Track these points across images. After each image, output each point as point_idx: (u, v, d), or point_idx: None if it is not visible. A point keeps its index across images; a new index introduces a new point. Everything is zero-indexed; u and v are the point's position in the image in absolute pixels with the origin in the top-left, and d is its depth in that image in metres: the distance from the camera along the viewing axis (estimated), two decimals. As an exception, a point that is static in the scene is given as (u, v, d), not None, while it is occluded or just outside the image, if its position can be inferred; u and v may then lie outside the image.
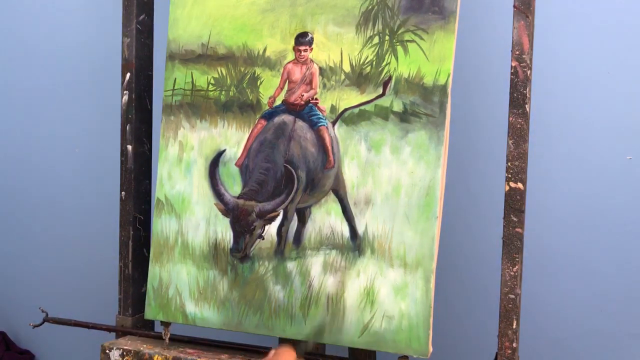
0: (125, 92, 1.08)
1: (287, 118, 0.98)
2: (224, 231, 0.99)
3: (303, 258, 0.95)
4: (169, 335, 1.01)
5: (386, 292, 0.91)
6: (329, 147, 0.95)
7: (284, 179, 0.97)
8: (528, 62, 0.88)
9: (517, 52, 0.88)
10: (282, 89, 0.98)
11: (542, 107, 1.11)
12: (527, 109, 0.88)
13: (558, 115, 1.15)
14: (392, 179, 0.92)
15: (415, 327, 0.89)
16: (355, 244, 0.93)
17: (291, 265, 0.96)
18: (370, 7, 0.94)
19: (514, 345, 0.88)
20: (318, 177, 0.96)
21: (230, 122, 1.00)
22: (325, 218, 0.95)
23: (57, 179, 1.52)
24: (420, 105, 0.91)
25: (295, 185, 0.96)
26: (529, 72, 0.88)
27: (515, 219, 0.88)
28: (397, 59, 0.93)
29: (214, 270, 0.99)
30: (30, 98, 1.54)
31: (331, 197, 0.95)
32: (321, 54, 0.96)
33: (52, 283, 1.55)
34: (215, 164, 1.00)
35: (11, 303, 1.61)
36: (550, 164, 1.16)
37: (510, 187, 0.88)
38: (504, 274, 0.89)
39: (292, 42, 0.97)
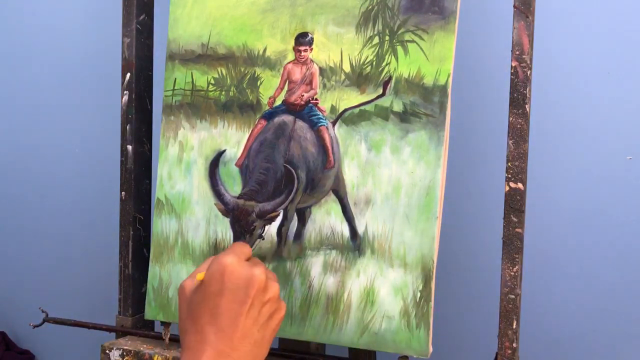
0: (125, 92, 1.08)
1: (287, 118, 0.98)
2: (224, 231, 0.99)
3: (303, 258, 0.95)
4: (169, 335, 1.01)
5: (386, 292, 0.91)
6: (329, 147, 0.95)
7: (284, 179, 0.97)
8: (528, 62, 0.88)
9: (517, 52, 0.88)
10: (282, 89, 0.98)
11: (542, 107, 1.11)
12: (527, 109, 0.88)
13: (558, 115, 1.15)
14: (392, 179, 0.92)
15: (416, 327, 0.89)
16: (355, 244, 0.93)
17: (291, 265, 0.96)
18: (370, 7, 0.94)
19: (514, 345, 0.88)
20: (318, 177, 0.96)
21: (230, 122, 1.00)
22: (325, 218, 0.95)
23: (57, 179, 1.53)
24: (420, 106, 0.91)
25: (295, 185, 0.96)
26: (529, 72, 0.88)
27: (515, 219, 0.88)
28: (397, 59, 0.93)
29: (214, 270, 0.99)
30: (29, 98, 1.54)
31: (331, 197, 0.95)
32: (321, 54, 0.96)
33: (52, 283, 1.55)
34: (215, 164, 1.00)
35: (11, 303, 1.61)
36: (550, 164, 1.16)
37: (510, 187, 0.88)
38: (504, 274, 0.89)
39: (292, 42, 0.97)
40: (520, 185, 0.88)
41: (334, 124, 0.95)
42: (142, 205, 1.10)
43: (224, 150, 1.00)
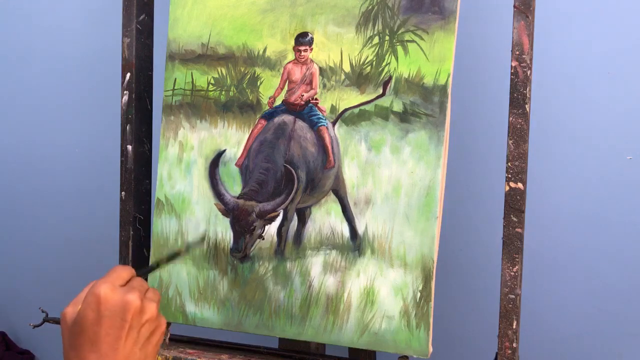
0: (125, 92, 1.08)
1: (287, 118, 0.98)
2: (224, 231, 0.99)
3: (303, 258, 0.95)
4: (169, 335, 1.01)
5: (386, 292, 0.91)
6: (329, 147, 0.95)
7: (284, 179, 0.97)
8: (528, 62, 0.88)
9: (517, 52, 0.88)
10: (282, 89, 0.98)
11: (542, 107, 1.11)
12: (527, 109, 0.88)
13: (558, 115, 1.15)
14: (392, 179, 0.92)
15: (416, 327, 0.89)
16: (355, 244, 0.93)
17: (291, 265, 0.96)
18: (370, 7, 0.94)
19: (514, 345, 0.88)
20: (318, 177, 0.96)
21: (230, 122, 1.00)
22: (325, 218, 0.95)
23: (57, 178, 1.53)
24: (420, 105, 0.91)
25: (295, 185, 0.96)
26: (529, 72, 0.88)
27: (515, 219, 0.88)
28: (397, 59, 0.93)
29: (214, 270, 0.99)
30: (29, 98, 1.54)
31: (331, 197, 0.95)
32: (321, 54, 0.96)
33: (52, 283, 1.55)
34: (215, 164, 1.00)
35: (11, 303, 1.61)
36: (550, 164, 1.16)
37: (510, 187, 0.88)
38: (504, 274, 0.89)
39: (292, 42, 0.97)
40: (520, 185, 0.88)
41: (334, 124, 0.95)
42: (142, 205, 1.10)
43: (224, 150, 1.00)
